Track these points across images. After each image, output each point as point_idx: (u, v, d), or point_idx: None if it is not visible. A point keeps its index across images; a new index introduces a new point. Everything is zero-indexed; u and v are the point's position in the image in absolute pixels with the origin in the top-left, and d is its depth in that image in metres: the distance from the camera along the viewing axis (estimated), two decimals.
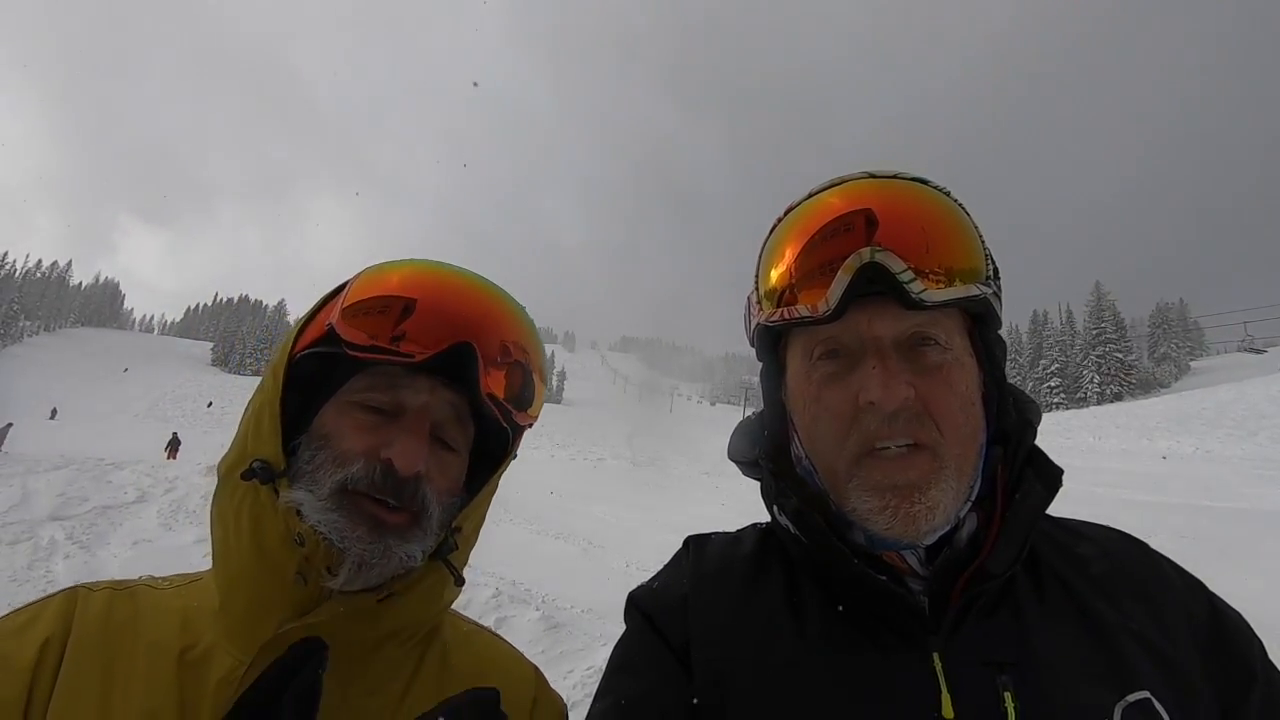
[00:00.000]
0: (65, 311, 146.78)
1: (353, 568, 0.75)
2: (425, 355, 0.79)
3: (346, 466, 0.77)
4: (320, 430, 0.80)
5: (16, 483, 11.37)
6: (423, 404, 0.82)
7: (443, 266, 0.88)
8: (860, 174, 0.81)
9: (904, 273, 0.72)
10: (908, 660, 0.71)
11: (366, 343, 0.80)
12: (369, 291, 0.83)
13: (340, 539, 0.75)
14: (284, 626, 0.74)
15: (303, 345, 0.85)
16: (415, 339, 0.80)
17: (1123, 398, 69.60)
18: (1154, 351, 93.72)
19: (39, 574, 7.54)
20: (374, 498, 0.77)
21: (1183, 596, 0.77)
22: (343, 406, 0.81)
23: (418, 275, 0.85)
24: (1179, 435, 26.87)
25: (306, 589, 0.76)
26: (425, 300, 0.82)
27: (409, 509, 0.78)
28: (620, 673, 0.82)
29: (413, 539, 0.78)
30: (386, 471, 0.77)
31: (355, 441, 0.78)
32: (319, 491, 0.76)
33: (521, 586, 7.22)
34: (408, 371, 0.81)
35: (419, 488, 0.79)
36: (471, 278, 0.88)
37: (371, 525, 0.76)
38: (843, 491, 0.76)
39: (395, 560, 0.77)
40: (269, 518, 0.76)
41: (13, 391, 62.88)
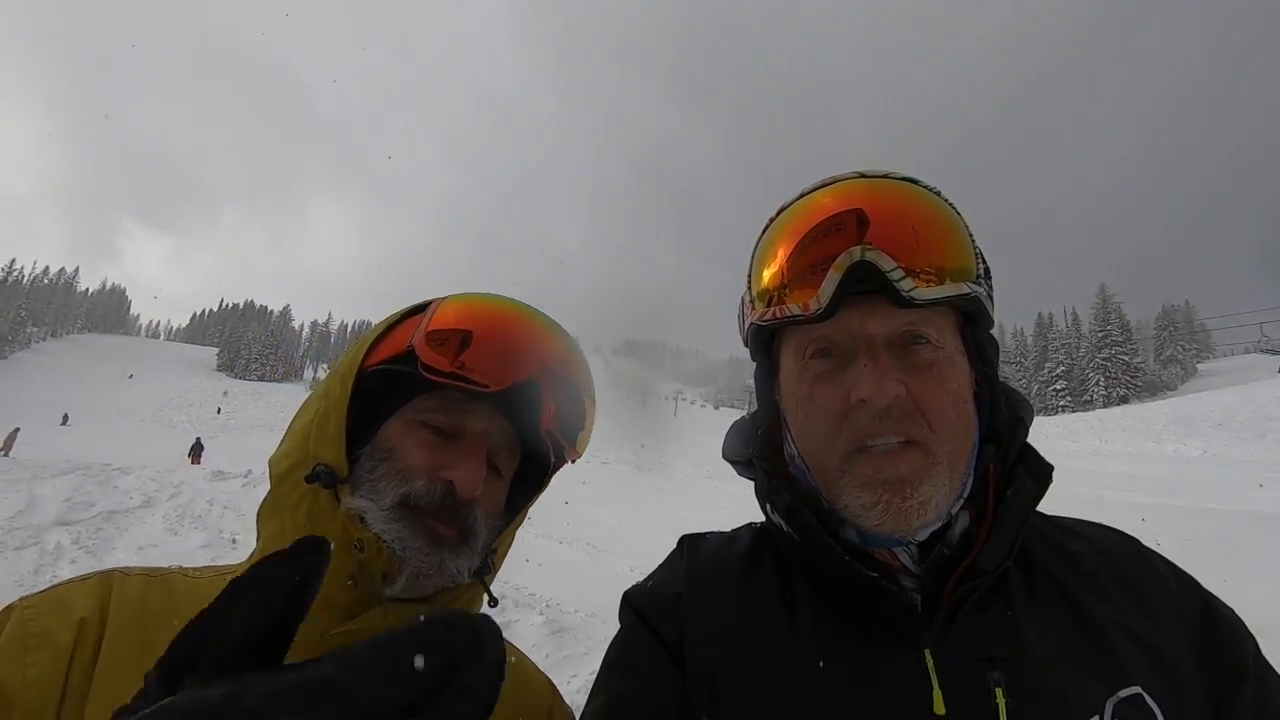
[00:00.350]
0: (72, 318, 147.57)
1: (410, 576, 0.79)
2: (497, 389, 0.84)
3: (410, 482, 0.81)
4: (385, 443, 0.84)
5: (23, 488, 11.42)
6: (482, 430, 0.86)
7: (511, 302, 0.93)
8: (851, 174, 0.82)
9: (894, 271, 0.73)
10: (899, 657, 0.71)
11: (449, 369, 0.83)
12: (454, 322, 0.87)
13: (402, 549, 0.78)
14: (331, 629, 0.77)
15: (376, 359, 0.89)
16: (488, 370, 0.84)
17: (1129, 400, 69.36)
18: (1160, 354, 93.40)
19: (45, 579, 7.56)
20: (430, 514, 0.80)
21: (1175, 592, 0.78)
22: (408, 423, 0.85)
23: (493, 310, 0.91)
24: (1186, 438, 26.74)
25: (356, 593, 0.78)
26: (500, 335, 0.87)
27: (459, 527, 0.82)
28: (614, 670, 0.83)
29: (462, 555, 0.82)
30: (447, 492, 0.81)
31: (418, 459, 0.82)
32: (381, 502, 0.79)
33: (525, 591, 7.21)
34: (471, 398, 0.85)
35: (472, 510, 0.83)
36: (537, 315, 0.93)
37: (430, 539, 0.80)
38: (835, 488, 0.76)
39: (447, 574, 0.81)
40: (326, 520, 0.79)
41: (21, 397, 63.24)
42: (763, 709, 0.72)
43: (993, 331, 0.85)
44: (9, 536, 8.84)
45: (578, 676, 5.25)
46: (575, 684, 5.12)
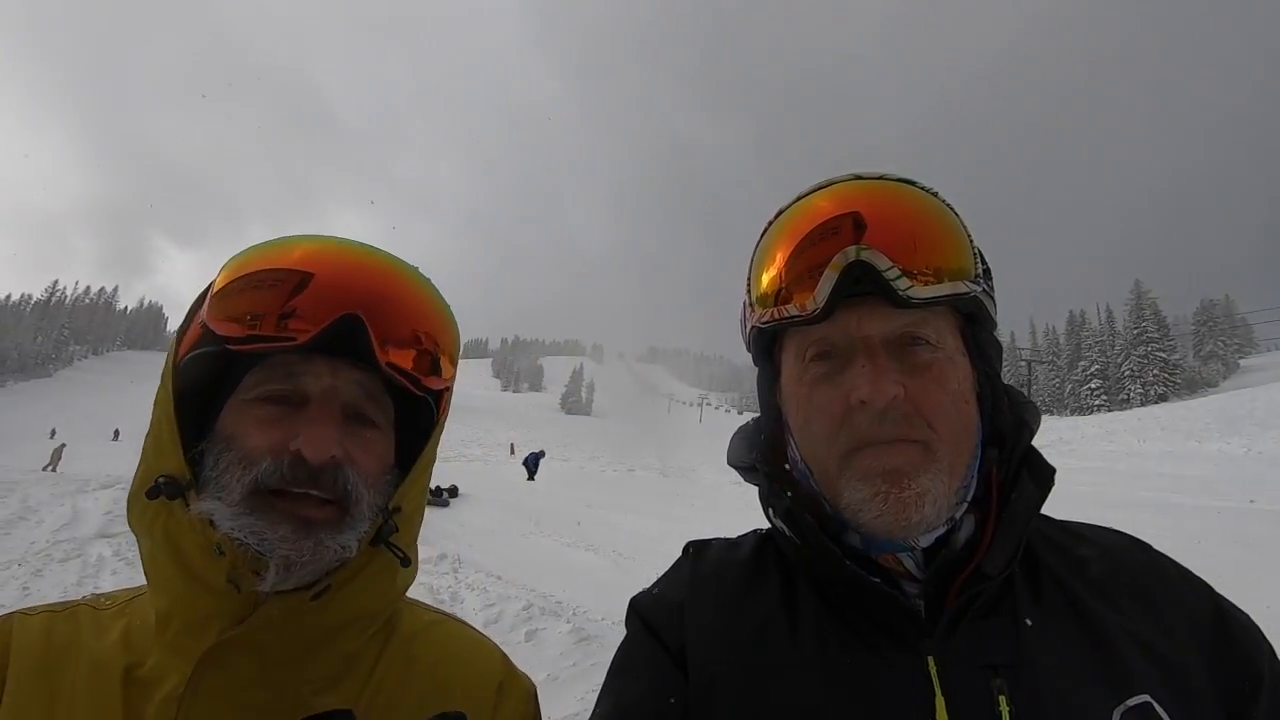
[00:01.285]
0: (112, 335, 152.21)
1: (280, 569, 0.72)
2: (311, 334, 0.74)
3: (254, 466, 0.73)
4: (222, 433, 0.76)
5: (68, 502, 11.78)
6: (326, 387, 0.77)
7: (318, 239, 0.82)
8: (847, 176, 0.82)
9: (890, 270, 0.73)
10: (902, 663, 0.70)
11: (243, 333, 0.75)
12: (236, 279, 0.78)
13: (259, 542, 0.71)
14: (223, 635, 0.73)
15: (186, 349, 0.80)
16: (290, 321, 0.75)
17: (1167, 398, 67.41)
18: (1200, 350, 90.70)
19: (87, 589, 7.77)
20: (294, 493, 0.73)
21: (1185, 598, 0.76)
22: (241, 405, 0.77)
23: (281, 253, 0.79)
24: (1229, 436, 25.88)
25: (241, 595, 0.73)
26: (301, 274, 0.76)
27: (335, 499, 0.75)
28: (619, 676, 0.83)
29: (345, 528, 0.75)
30: (296, 463, 0.73)
31: (260, 438, 0.74)
32: (229, 497, 0.72)
33: (552, 599, 7.23)
34: (303, 356, 0.76)
35: (339, 474, 0.75)
36: (349, 244, 0.82)
37: (297, 524, 0.72)
38: (836, 487, 0.76)
39: (329, 554, 0.74)
40: (184, 532, 0.73)
41: (66, 413, 65.33)
42: (764, 716, 0.71)
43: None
44: (54, 549, 9.12)
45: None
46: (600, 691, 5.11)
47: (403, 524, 0.83)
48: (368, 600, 0.81)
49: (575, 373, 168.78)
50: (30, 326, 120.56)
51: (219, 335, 0.76)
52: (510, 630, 6.27)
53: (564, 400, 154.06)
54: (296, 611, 0.74)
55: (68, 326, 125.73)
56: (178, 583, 0.74)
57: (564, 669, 5.51)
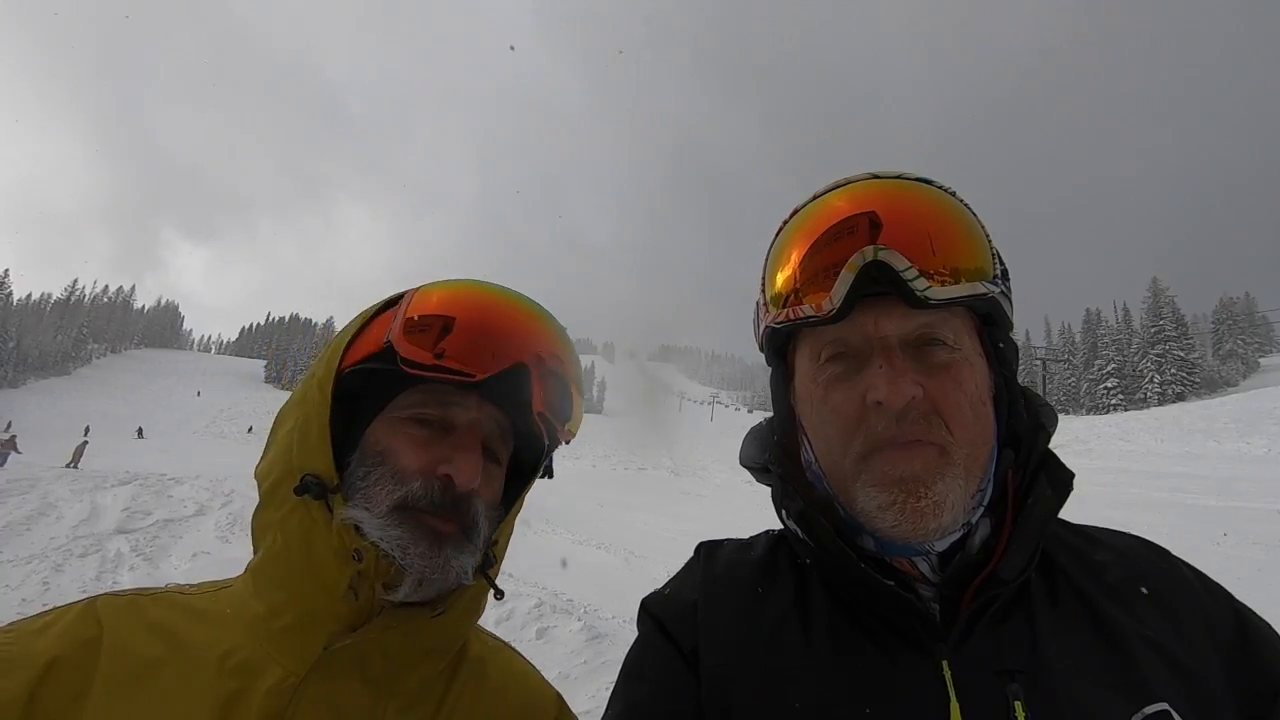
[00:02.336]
0: (129, 334, 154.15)
1: (414, 581, 0.77)
2: (484, 376, 0.81)
3: (405, 484, 0.79)
4: (374, 447, 0.82)
5: (86, 498, 11.97)
6: (474, 419, 0.84)
7: (492, 287, 0.90)
8: (864, 175, 0.81)
9: (908, 270, 0.72)
10: (916, 667, 0.70)
11: (430, 361, 0.81)
12: (428, 309, 0.84)
13: (403, 555, 0.76)
14: (334, 643, 0.76)
15: (353, 360, 0.85)
16: (472, 358, 0.82)
17: (1185, 398, 66.43)
18: (1219, 349, 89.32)
19: (106, 585, 7.89)
20: (431, 513, 0.79)
21: (1205, 604, 0.74)
22: (394, 422, 0.83)
23: (472, 296, 0.87)
24: (1249, 436, 25.46)
25: (357, 603, 0.77)
26: (481, 321, 0.84)
27: (461, 522, 0.80)
28: (631, 678, 0.83)
29: (466, 551, 0.80)
30: (445, 488, 0.79)
31: (412, 459, 0.80)
32: (376, 509, 0.77)
33: (564, 597, 7.24)
34: (458, 389, 0.83)
35: (472, 503, 0.81)
36: (521, 299, 0.91)
37: (432, 539, 0.78)
38: (851, 491, 0.75)
39: (452, 574, 0.79)
40: (320, 533, 0.77)
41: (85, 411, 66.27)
42: (778, 718, 0.71)
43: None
44: (74, 544, 9.26)
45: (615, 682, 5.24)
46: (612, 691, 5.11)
47: (497, 557, 0.89)
48: (462, 625, 0.87)
49: (586, 371, 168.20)
50: (50, 325, 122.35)
51: (403, 357, 0.81)
52: (522, 628, 6.29)
53: None
54: (412, 627, 0.79)
55: (86, 325, 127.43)
56: (300, 580, 0.78)
57: (575, 667, 5.52)
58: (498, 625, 6.38)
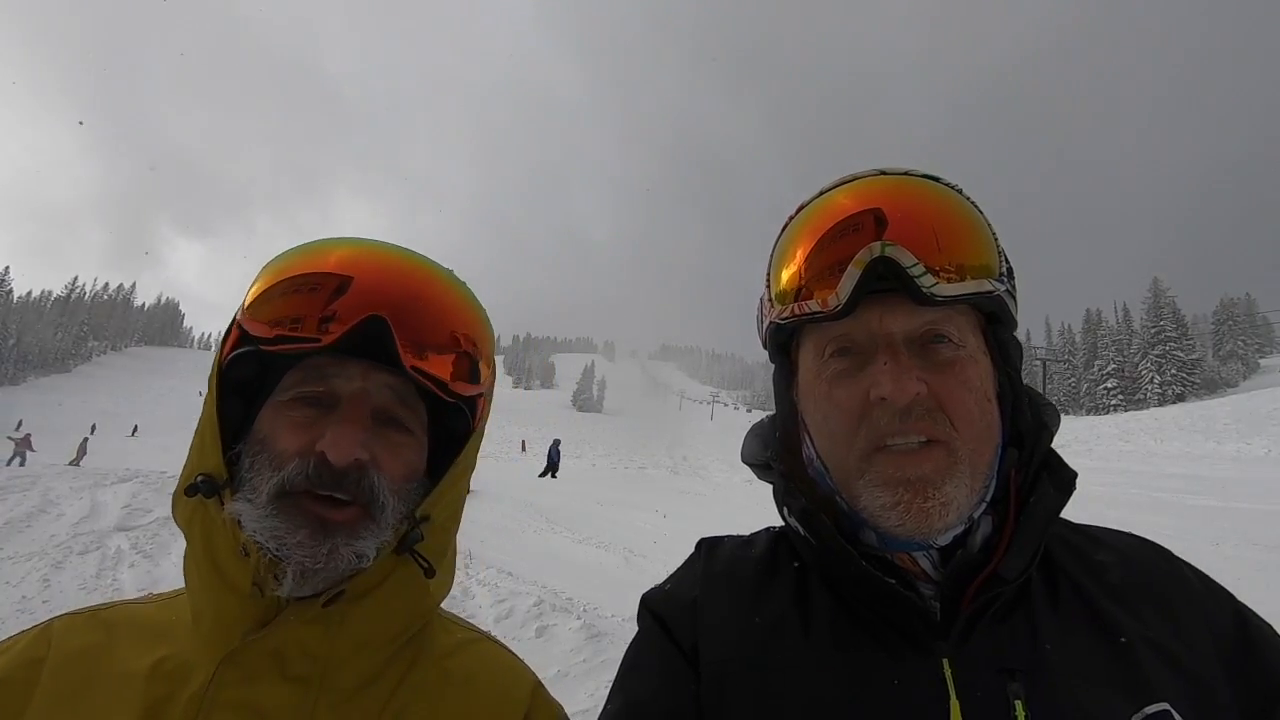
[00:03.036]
0: (130, 331, 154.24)
1: (295, 574, 0.72)
2: (336, 336, 0.75)
3: (282, 468, 0.74)
4: (258, 435, 0.78)
5: (86, 495, 11.97)
6: (357, 389, 0.78)
7: (352, 242, 0.82)
8: (871, 171, 0.81)
9: (915, 267, 0.72)
10: (916, 666, 0.70)
11: (271, 334, 0.76)
12: (275, 279, 0.79)
13: (278, 546, 0.72)
14: (248, 638, 0.74)
15: (228, 350, 0.82)
16: (316, 322, 0.76)
17: (1185, 398, 66.44)
18: (1219, 350, 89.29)
19: (106, 582, 7.89)
20: (317, 495, 0.73)
21: (1206, 605, 0.74)
22: (277, 406, 0.79)
23: (312, 256, 0.80)
24: (1249, 437, 25.45)
25: (265, 599, 0.74)
26: (333, 278, 0.77)
27: (358, 502, 0.75)
28: (630, 674, 0.83)
29: (364, 534, 0.75)
30: (321, 464, 0.73)
31: (290, 440, 0.75)
32: (257, 499, 0.73)
33: (563, 595, 7.24)
34: (337, 359, 0.78)
35: (364, 477, 0.75)
36: (386, 249, 0.83)
37: (315, 527, 0.73)
38: (854, 489, 0.75)
39: (342, 561, 0.73)
40: (218, 532, 0.75)
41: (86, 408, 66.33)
42: (778, 715, 0.71)
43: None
44: (74, 541, 9.26)
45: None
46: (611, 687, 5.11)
47: (432, 533, 0.82)
48: (393, 612, 0.81)
49: (587, 370, 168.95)
50: (51, 323, 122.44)
51: (252, 336, 0.78)
52: (521, 626, 6.30)
53: (575, 398, 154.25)
54: (317, 618, 0.75)
55: (87, 323, 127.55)
56: (209, 581, 0.76)
57: (574, 665, 5.52)
58: (497, 623, 6.38)
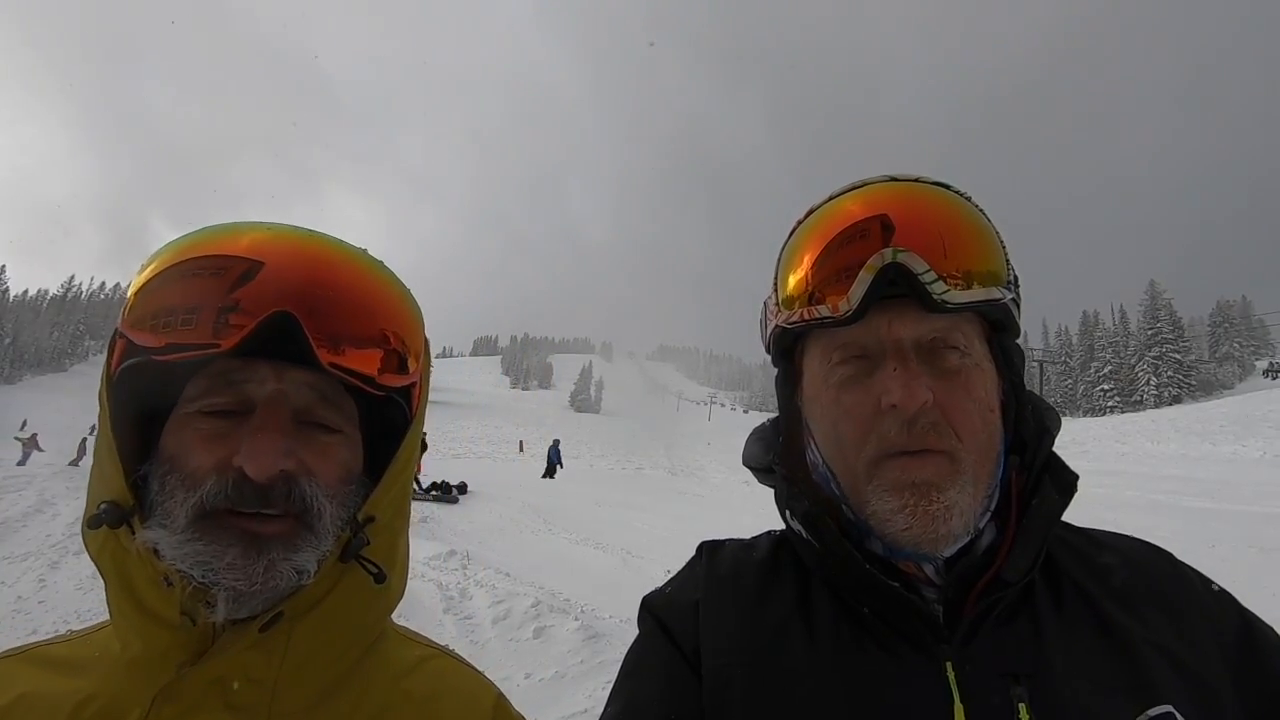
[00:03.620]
0: None
1: (229, 599, 0.66)
2: (236, 340, 0.66)
3: (198, 487, 0.66)
4: (165, 453, 0.70)
5: (83, 495, 11.92)
6: (271, 392, 0.69)
7: (249, 227, 0.72)
8: (882, 177, 0.81)
9: (926, 273, 0.72)
10: (920, 669, 0.70)
11: (160, 343, 0.67)
12: (152, 281, 0.70)
13: (205, 572, 0.65)
14: (183, 670, 0.68)
15: (116, 361, 0.73)
16: (214, 324, 0.66)
17: (1181, 400, 66.62)
18: (1215, 352, 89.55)
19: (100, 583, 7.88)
20: (244, 513, 0.67)
21: (1210, 609, 0.75)
22: (183, 420, 0.70)
23: (200, 247, 0.70)
24: (1245, 439, 25.51)
25: (198, 628, 0.68)
26: (214, 277, 0.68)
27: (290, 513, 0.68)
28: (632, 677, 0.83)
29: (302, 546, 0.68)
30: (241, 481, 0.66)
31: (203, 456, 0.67)
32: (174, 524, 0.66)
33: (561, 596, 7.24)
34: (244, 362, 0.69)
35: (293, 487, 0.68)
36: (288, 232, 0.73)
37: (246, 544, 0.66)
38: (862, 494, 0.75)
39: (281, 577, 0.67)
40: (132, 563, 0.68)
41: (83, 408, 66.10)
42: (778, 718, 0.71)
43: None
44: (70, 541, 9.23)
45: (613, 682, 5.24)
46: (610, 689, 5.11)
47: (378, 535, 0.76)
48: (342, 625, 0.75)
49: (584, 371, 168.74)
50: (47, 322, 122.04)
51: (140, 346, 0.68)
52: (519, 627, 6.29)
53: (573, 398, 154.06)
54: (259, 641, 0.69)
55: (83, 322, 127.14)
56: (132, 616, 0.69)
57: (572, 666, 5.52)
58: (495, 625, 6.38)
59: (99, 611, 3.09)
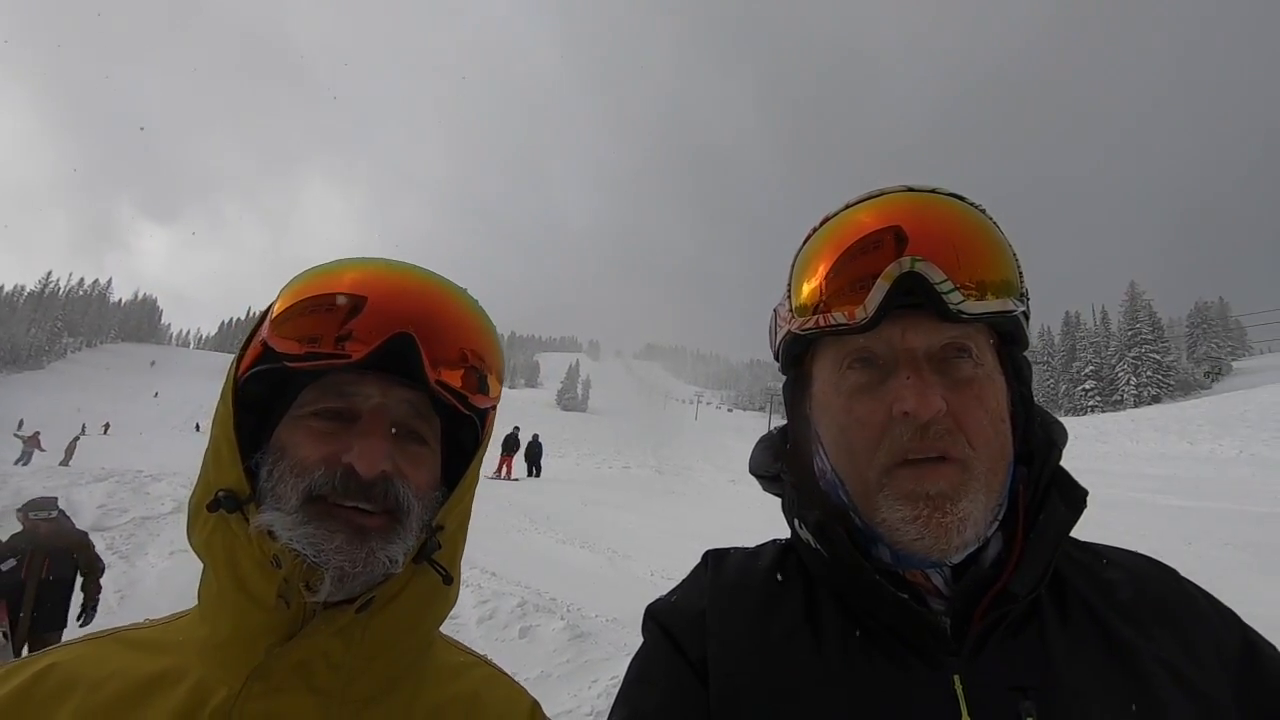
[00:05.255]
0: (106, 327, 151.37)
1: (334, 579, 0.73)
2: (364, 353, 0.77)
3: (308, 475, 0.75)
4: (278, 445, 0.79)
5: (61, 495, 11.71)
6: (377, 404, 0.80)
7: (368, 262, 0.84)
8: (899, 187, 0.81)
9: (943, 283, 0.72)
10: (928, 681, 0.70)
11: (300, 351, 0.77)
12: (298, 298, 0.81)
13: (316, 552, 0.73)
14: (273, 651, 0.74)
15: (246, 366, 0.83)
16: (345, 339, 0.77)
17: (1161, 399, 67.66)
18: (1193, 352, 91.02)
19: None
20: (346, 506, 0.75)
21: (1215, 627, 0.75)
22: (296, 420, 0.80)
23: (340, 275, 0.82)
24: (1221, 438, 25.97)
25: (290, 612, 0.75)
26: (357, 297, 0.79)
27: (387, 510, 0.77)
28: (638, 685, 0.82)
29: (395, 539, 0.77)
30: (348, 476, 0.75)
31: (313, 450, 0.77)
32: (286, 507, 0.74)
33: (547, 596, 7.22)
34: (356, 375, 0.79)
35: (390, 487, 0.77)
36: (405, 268, 0.85)
37: (351, 532, 0.74)
38: (873, 502, 0.75)
39: (379, 565, 0.75)
40: (241, 546, 0.75)
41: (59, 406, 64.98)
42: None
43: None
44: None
45: (598, 681, 5.25)
46: (596, 689, 5.12)
47: (445, 542, 0.84)
48: (412, 618, 0.83)
49: (571, 369, 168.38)
50: (24, 318, 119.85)
51: (279, 353, 0.78)
52: (504, 627, 6.27)
53: (560, 397, 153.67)
54: (344, 627, 0.76)
55: (61, 318, 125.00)
56: (231, 598, 0.76)
57: (557, 666, 5.52)
58: (480, 624, 6.35)
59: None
